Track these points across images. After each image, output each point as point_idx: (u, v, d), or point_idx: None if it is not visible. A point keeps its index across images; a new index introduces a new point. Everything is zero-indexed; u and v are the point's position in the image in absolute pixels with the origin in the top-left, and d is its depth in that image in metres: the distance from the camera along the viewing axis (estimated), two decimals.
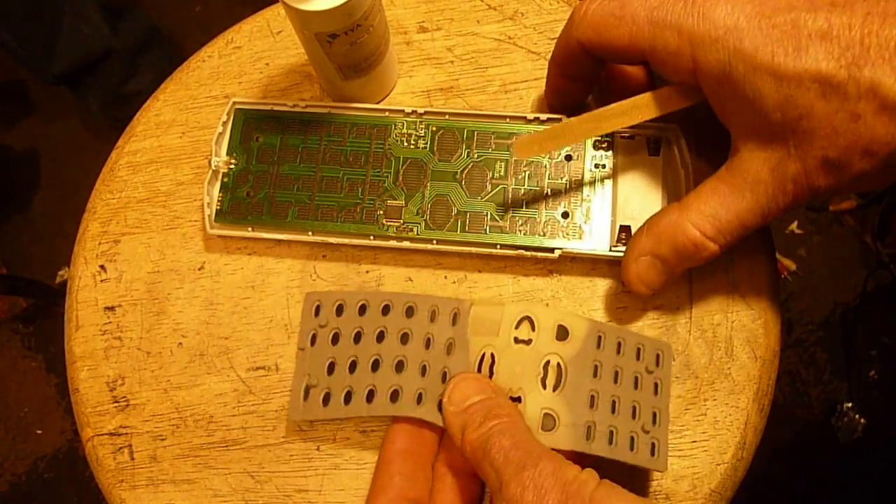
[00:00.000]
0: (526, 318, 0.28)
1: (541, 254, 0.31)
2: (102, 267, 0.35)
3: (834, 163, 0.24)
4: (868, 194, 0.97)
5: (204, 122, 0.37)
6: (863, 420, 0.90)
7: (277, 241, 0.34)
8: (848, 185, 0.24)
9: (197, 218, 0.35)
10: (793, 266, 0.98)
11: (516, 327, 0.28)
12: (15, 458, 1.02)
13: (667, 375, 0.29)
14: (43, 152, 1.15)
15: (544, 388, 0.27)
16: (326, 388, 0.29)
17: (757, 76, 0.24)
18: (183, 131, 0.37)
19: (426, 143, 0.33)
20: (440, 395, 0.28)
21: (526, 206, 0.32)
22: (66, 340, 0.34)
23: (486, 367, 0.28)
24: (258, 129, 0.34)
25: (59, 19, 0.90)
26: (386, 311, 0.30)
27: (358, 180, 0.33)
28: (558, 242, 0.31)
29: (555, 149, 0.32)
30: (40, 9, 0.88)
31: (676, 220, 0.27)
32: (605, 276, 0.32)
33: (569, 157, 0.32)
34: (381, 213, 0.32)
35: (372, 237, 0.32)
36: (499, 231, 0.32)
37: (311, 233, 0.33)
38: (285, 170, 0.34)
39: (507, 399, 0.27)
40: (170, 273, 0.34)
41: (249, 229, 0.33)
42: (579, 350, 0.28)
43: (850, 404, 0.90)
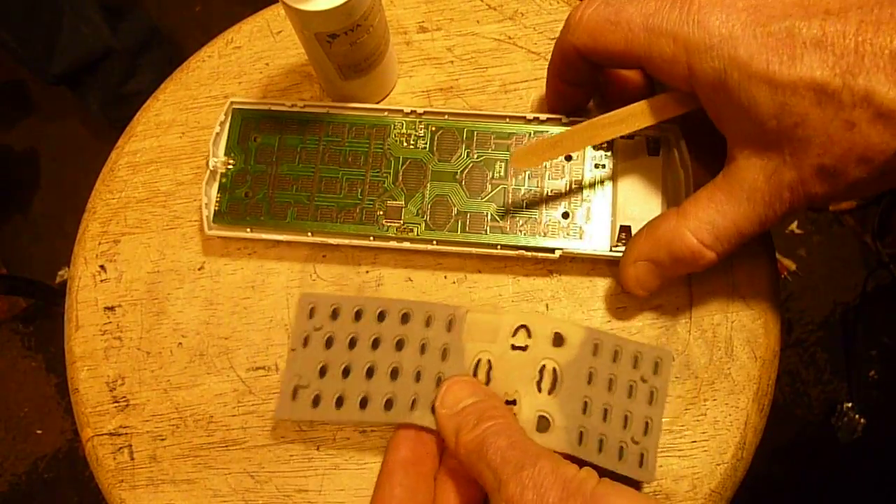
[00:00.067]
0: (523, 326, 0.29)
1: (541, 254, 0.31)
2: (102, 267, 0.35)
3: (829, 170, 0.24)
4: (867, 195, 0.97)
5: (204, 122, 0.37)
6: (863, 420, 0.90)
7: (277, 241, 0.34)
8: (844, 192, 0.24)
9: (197, 218, 0.35)
10: (793, 266, 0.98)
11: (513, 335, 0.29)
12: (15, 458, 1.02)
13: (664, 383, 0.29)
14: (43, 152, 1.15)
15: (539, 391, 0.28)
16: (317, 391, 0.29)
17: (752, 84, 0.24)
18: (183, 131, 0.37)
19: (426, 144, 0.33)
20: (433, 400, 0.28)
21: (526, 206, 0.32)
22: (66, 340, 0.34)
23: (482, 372, 0.28)
24: (256, 129, 0.34)
25: (58, 19, 0.90)
26: (382, 318, 0.30)
27: (357, 180, 0.33)
28: (559, 242, 0.31)
29: (552, 158, 0.32)
30: (40, 9, 0.88)
31: (675, 227, 0.27)
32: (605, 277, 0.32)
33: (569, 158, 0.32)
34: (381, 213, 0.32)
35: (372, 238, 0.32)
36: (499, 231, 0.32)
37: (310, 233, 0.33)
38: (284, 170, 0.33)
39: (501, 401, 0.27)
40: (170, 273, 0.34)
41: (248, 230, 0.33)
42: (575, 356, 0.28)
43: (850, 404, 0.90)
